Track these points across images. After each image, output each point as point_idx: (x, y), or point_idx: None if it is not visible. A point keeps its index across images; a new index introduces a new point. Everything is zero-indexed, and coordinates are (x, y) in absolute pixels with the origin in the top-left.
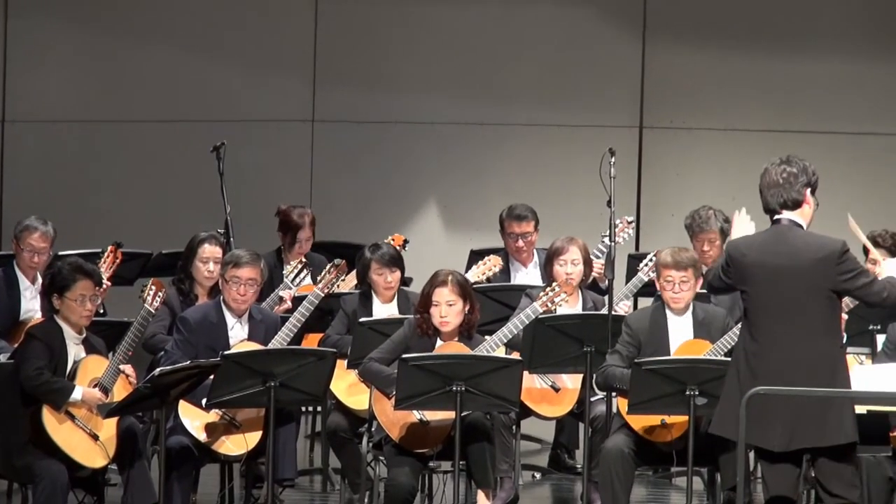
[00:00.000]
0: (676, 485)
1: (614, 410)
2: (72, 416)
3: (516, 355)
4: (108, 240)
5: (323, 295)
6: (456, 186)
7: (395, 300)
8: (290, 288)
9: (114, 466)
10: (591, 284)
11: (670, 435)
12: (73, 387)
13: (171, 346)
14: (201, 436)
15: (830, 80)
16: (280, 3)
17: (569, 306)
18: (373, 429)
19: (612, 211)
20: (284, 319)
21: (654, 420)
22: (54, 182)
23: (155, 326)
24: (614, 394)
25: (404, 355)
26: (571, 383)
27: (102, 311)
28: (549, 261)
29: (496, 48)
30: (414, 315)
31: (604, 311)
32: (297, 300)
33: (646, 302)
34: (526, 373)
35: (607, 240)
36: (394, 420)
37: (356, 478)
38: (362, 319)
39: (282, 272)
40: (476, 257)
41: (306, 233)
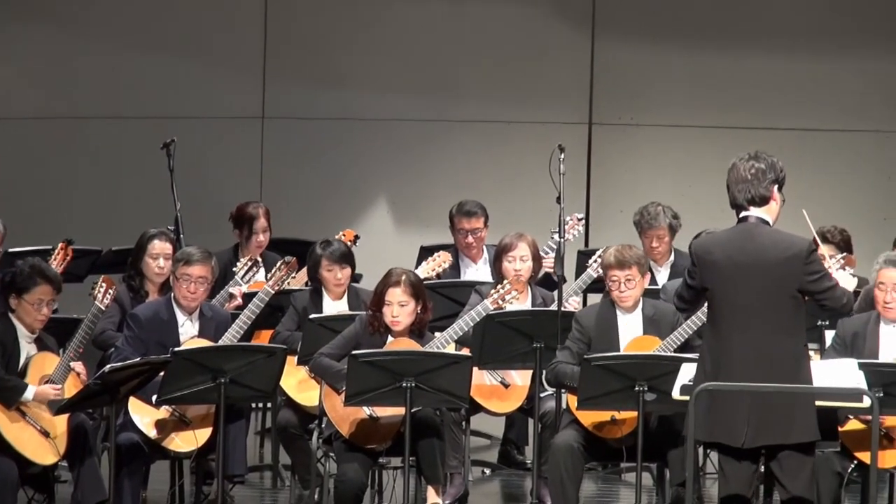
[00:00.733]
0: (626, 480)
1: (564, 406)
2: (22, 413)
3: (466, 351)
4: (58, 237)
5: (273, 292)
6: (406, 183)
7: (345, 297)
8: (241, 285)
9: (64, 463)
10: (542, 280)
11: (620, 431)
12: (25, 386)
13: (122, 343)
14: (151, 432)
15: (776, 77)
16: None
17: (518, 303)
18: (323, 425)
19: (562, 207)
20: (235, 316)
21: (604, 416)
22: (3, 179)
23: (105, 323)
24: (564, 390)
25: (354, 351)
26: (521, 379)
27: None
28: (498, 257)
29: (446, 45)
30: (366, 312)
31: (553, 308)
32: (247, 297)
33: (595, 298)
34: (476, 369)
35: (557, 236)
36: (344, 416)
37: (306, 474)
38: (312, 316)
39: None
40: (426, 253)
41: (262, 223)
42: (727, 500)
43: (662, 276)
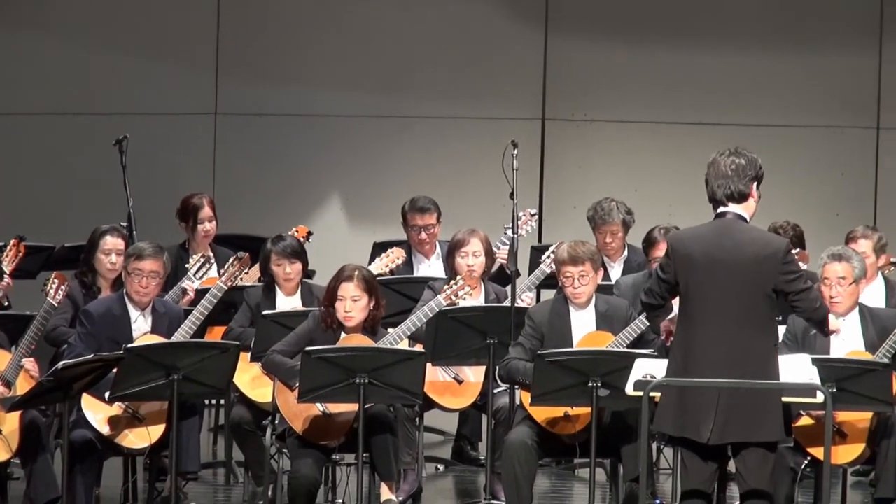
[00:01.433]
0: (579, 476)
1: (517, 402)
2: None
3: (420, 347)
4: (10, 233)
5: (226, 288)
6: (359, 179)
7: (298, 293)
8: (194, 281)
9: (16, 460)
10: (496, 275)
11: (573, 427)
12: None
13: (74, 340)
14: (104, 429)
15: (728, 73)
16: None
17: (472, 298)
18: (276, 421)
19: (515, 203)
20: (188, 312)
21: (557, 412)
22: None
23: (57, 319)
24: (517, 386)
25: (307, 347)
26: (474, 376)
27: (7, 304)
28: (451, 253)
29: (399, 41)
30: (319, 308)
31: (506, 304)
32: (200, 293)
33: (549, 294)
34: (429, 365)
35: (510, 232)
36: (297, 412)
37: (260, 470)
38: (266, 312)
39: (186, 265)
40: (379, 249)
41: (206, 212)
42: (688, 494)
43: (616, 272)
